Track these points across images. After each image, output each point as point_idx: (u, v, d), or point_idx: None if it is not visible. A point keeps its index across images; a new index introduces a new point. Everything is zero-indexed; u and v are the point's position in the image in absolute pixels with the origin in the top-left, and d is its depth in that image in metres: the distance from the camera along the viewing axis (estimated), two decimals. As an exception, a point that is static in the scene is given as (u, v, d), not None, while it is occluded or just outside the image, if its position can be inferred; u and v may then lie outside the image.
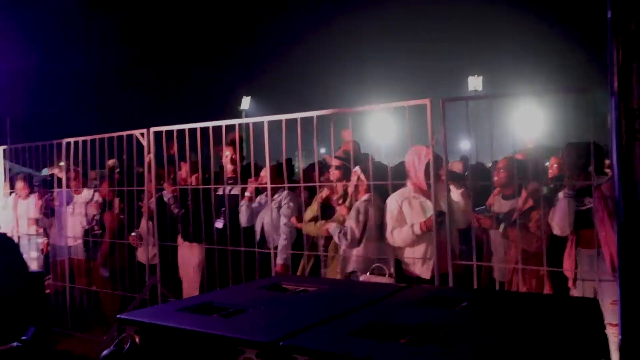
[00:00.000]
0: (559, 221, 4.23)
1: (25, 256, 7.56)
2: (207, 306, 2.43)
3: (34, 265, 7.61)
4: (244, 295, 2.64)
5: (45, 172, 8.99)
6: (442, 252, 4.21)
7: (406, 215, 4.51)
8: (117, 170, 7.08)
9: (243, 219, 5.41)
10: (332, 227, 4.66)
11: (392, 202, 4.61)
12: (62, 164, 6.94)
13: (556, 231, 4.27)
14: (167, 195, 5.90)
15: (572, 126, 4.41)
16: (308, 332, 1.97)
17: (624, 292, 1.82)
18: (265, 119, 5.04)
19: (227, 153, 5.63)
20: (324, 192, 5.00)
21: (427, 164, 4.32)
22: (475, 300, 2.34)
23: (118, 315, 2.34)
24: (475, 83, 25.19)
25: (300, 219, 4.99)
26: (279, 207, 5.24)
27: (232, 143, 5.53)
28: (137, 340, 2.25)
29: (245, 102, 32.11)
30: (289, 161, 7.00)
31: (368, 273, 4.43)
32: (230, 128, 5.31)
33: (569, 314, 2.14)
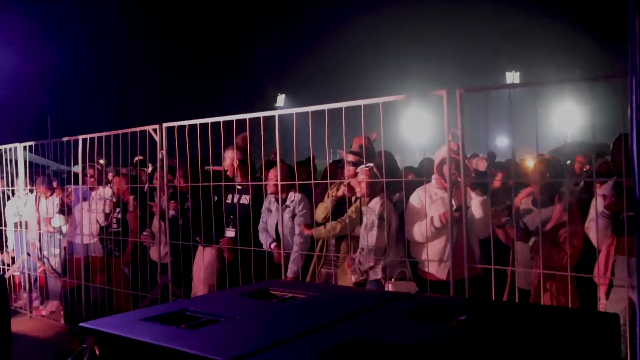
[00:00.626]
0: (594, 238, 3.91)
1: (45, 252, 7.61)
2: (179, 315, 2.21)
3: (54, 262, 7.58)
4: (223, 303, 2.40)
5: (77, 169, 9.02)
6: (459, 253, 3.91)
7: (427, 209, 4.34)
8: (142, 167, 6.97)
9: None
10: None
11: (415, 197, 4.49)
12: (102, 160, 6.88)
13: (594, 243, 3.94)
14: (171, 212, 5.74)
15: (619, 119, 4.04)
16: (275, 350, 1.72)
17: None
18: (276, 113, 4.81)
19: (229, 155, 5.42)
20: (340, 191, 4.74)
21: (443, 160, 4.05)
22: (476, 313, 2.04)
23: (80, 324, 2.14)
24: (513, 78, 24.62)
25: (310, 225, 4.74)
26: (293, 215, 4.98)
27: (239, 145, 5.30)
28: (96, 351, 2.05)
29: (280, 100, 32.07)
30: (310, 160, 6.76)
31: (394, 279, 4.23)
32: (241, 124, 5.08)
33: (582, 334, 1.83)
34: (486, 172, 5.55)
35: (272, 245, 5.08)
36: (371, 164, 4.47)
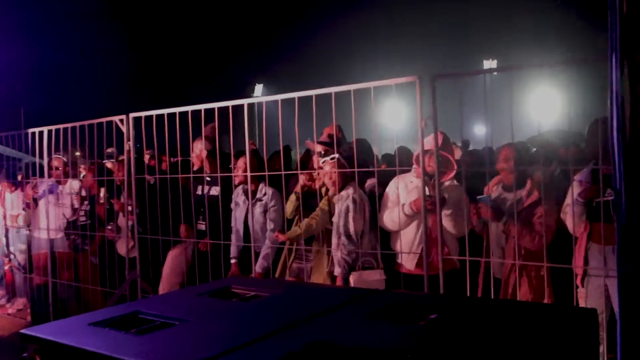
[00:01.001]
0: (570, 224, 3.85)
1: (12, 249, 7.37)
2: (130, 318, 2.05)
3: (21, 258, 7.35)
4: (180, 304, 2.25)
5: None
6: (432, 244, 3.81)
7: (401, 197, 4.26)
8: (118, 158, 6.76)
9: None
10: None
11: (392, 185, 4.41)
12: (77, 153, 6.67)
13: (570, 230, 3.88)
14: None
15: (597, 105, 3.97)
16: (226, 357, 1.58)
17: (623, 302, 1.39)
18: (245, 101, 4.64)
19: (197, 146, 5.24)
20: (299, 185, 4.59)
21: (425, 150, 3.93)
22: (448, 311, 1.91)
23: (21, 331, 1.97)
24: (490, 66, 24.61)
25: (283, 230, 4.58)
26: (265, 210, 4.81)
27: (208, 136, 5.13)
28: (38, 361, 1.89)
29: (258, 90, 31.67)
30: (286, 149, 6.57)
31: (359, 268, 4.13)
32: (209, 114, 4.89)
33: (560, 331, 1.71)
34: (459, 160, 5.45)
35: (232, 261, 4.95)
36: (336, 155, 4.33)
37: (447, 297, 2.44)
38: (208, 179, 5.25)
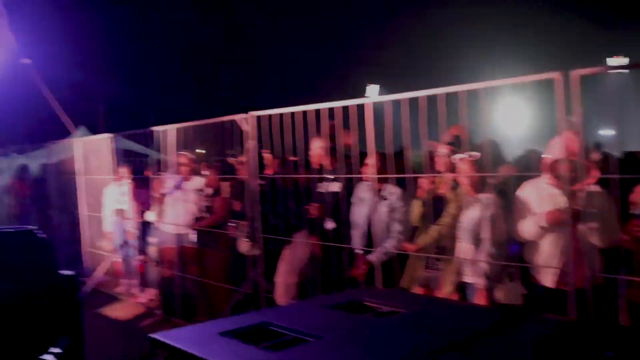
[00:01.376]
0: None
1: (143, 241, 7.66)
2: (261, 330, 1.94)
3: (151, 251, 7.62)
4: (311, 315, 2.11)
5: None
6: (573, 259, 3.42)
7: (534, 205, 3.86)
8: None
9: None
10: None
11: (523, 191, 4.02)
12: (203, 150, 6.88)
13: None
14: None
15: None
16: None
17: None
18: (369, 100, 4.47)
19: (316, 144, 5.12)
20: (423, 190, 4.33)
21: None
22: (628, 348, 1.62)
23: (149, 335, 1.93)
24: (619, 64, 22.75)
25: (410, 236, 4.37)
26: (391, 210, 4.61)
27: (328, 134, 5.00)
28: (168, 369, 1.82)
29: (371, 90, 31.34)
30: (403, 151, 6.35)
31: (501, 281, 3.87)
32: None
33: None
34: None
35: (358, 252, 4.67)
36: (478, 154, 4.02)
37: (614, 330, 2.12)
38: (329, 176, 5.12)
